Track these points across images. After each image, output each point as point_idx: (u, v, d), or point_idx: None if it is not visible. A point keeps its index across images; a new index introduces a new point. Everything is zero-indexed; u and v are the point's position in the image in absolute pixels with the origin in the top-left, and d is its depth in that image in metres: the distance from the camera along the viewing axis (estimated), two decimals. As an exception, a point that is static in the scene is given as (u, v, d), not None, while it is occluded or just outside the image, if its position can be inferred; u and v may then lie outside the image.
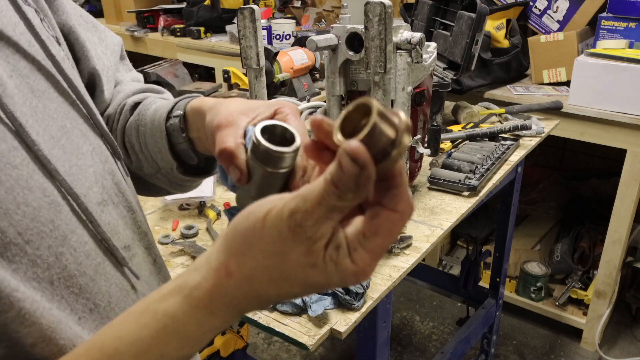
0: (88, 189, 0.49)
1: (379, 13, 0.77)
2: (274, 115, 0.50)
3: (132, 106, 0.65)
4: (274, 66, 1.64)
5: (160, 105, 0.62)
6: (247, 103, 0.52)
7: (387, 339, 1.04)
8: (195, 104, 0.58)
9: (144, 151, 0.63)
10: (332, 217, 0.34)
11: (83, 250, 0.46)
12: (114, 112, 0.67)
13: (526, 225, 2.51)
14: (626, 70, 1.68)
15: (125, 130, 0.65)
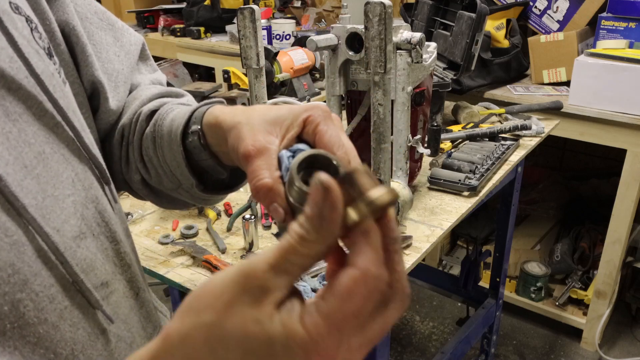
0: (63, 222, 0.45)
1: (379, 13, 0.77)
2: (304, 126, 0.43)
3: (148, 115, 0.59)
4: (274, 66, 1.64)
5: (177, 114, 0.56)
6: (270, 113, 0.45)
7: (386, 339, 1.04)
8: (211, 120, 0.52)
9: (162, 165, 0.58)
10: (291, 271, 0.30)
11: (47, 295, 0.42)
12: (129, 121, 0.61)
13: (526, 225, 2.52)
14: (626, 70, 1.68)
15: (142, 142, 0.59)
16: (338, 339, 0.30)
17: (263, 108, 0.47)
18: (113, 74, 0.61)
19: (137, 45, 0.66)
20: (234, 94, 1.53)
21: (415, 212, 1.11)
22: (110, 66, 0.60)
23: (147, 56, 0.69)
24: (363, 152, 1.18)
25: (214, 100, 0.57)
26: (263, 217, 1.09)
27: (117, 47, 0.62)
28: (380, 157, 0.87)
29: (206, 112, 0.53)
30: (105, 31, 0.61)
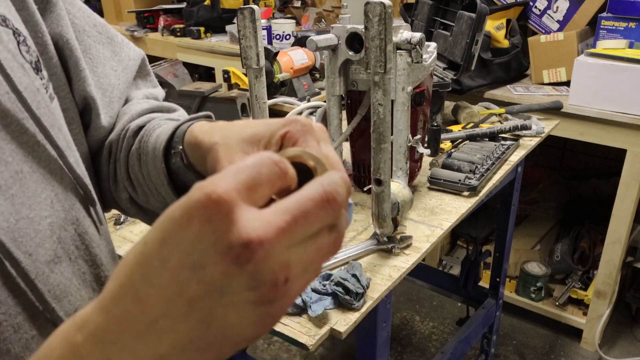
0: (37, 245, 0.43)
1: (379, 13, 0.77)
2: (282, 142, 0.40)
3: (136, 131, 0.58)
4: (274, 66, 1.64)
5: (161, 131, 0.55)
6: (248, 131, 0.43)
7: (387, 339, 1.04)
8: (191, 140, 0.50)
9: (148, 183, 0.56)
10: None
11: (11, 324, 0.40)
12: (117, 137, 0.59)
13: (526, 225, 2.52)
14: (626, 70, 1.68)
15: (128, 159, 0.58)
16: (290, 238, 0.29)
17: (241, 125, 0.45)
18: (108, 89, 0.59)
19: (136, 60, 0.65)
20: (234, 94, 1.53)
21: (415, 212, 1.11)
22: (106, 81, 0.59)
23: (146, 71, 0.68)
24: (363, 152, 1.18)
25: (199, 115, 0.55)
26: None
27: (115, 62, 0.61)
28: (380, 157, 0.87)
29: (187, 131, 0.51)
30: (103, 45, 0.60)
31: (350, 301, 0.83)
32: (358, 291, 0.83)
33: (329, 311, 0.83)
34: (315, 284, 0.86)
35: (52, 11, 0.54)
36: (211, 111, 1.74)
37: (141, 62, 0.66)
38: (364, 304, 0.85)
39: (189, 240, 0.28)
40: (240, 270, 0.27)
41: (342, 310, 0.84)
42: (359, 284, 0.84)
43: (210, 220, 0.27)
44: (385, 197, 0.89)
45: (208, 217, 0.27)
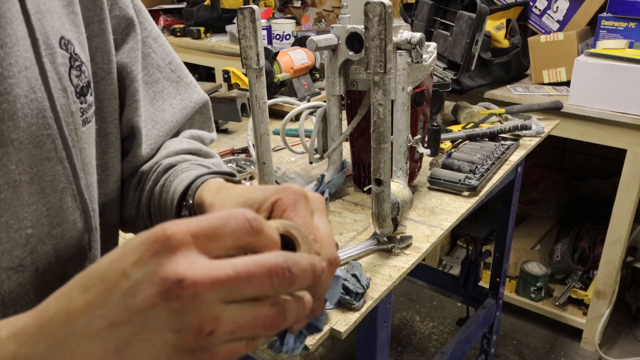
0: (3, 251, 0.44)
1: (379, 13, 0.77)
2: (272, 211, 0.41)
3: (167, 168, 0.60)
4: (274, 66, 1.64)
5: (184, 177, 0.57)
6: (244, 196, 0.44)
7: (387, 339, 1.04)
8: (199, 196, 0.53)
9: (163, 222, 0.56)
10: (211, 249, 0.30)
11: None
12: (149, 169, 0.62)
13: (526, 225, 2.51)
14: (626, 70, 1.68)
15: (152, 193, 0.60)
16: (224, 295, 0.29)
17: (241, 190, 0.46)
18: (160, 122, 0.63)
19: (197, 104, 0.68)
20: (234, 94, 1.53)
21: (415, 212, 1.11)
22: (160, 115, 0.62)
23: (206, 116, 0.70)
24: (363, 152, 1.18)
25: (222, 171, 0.57)
26: (263, 217, 1.09)
27: (176, 100, 0.64)
28: (380, 157, 0.86)
29: (200, 187, 0.54)
30: (170, 82, 0.64)
31: (350, 301, 0.83)
32: (358, 291, 0.83)
33: (328, 311, 0.83)
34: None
35: (127, 42, 0.58)
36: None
37: (202, 105, 0.69)
38: (364, 304, 0.85)
39: (130, 265, 0.29)
40: (167, 305, 0.28)
41: (342, 310, 0.84)
42: (359, 284, 0.84)
43: (154, 252, 0.28)
44: (385, 197, 0.89)
45: (154, 249, 0.28)
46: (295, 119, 1.23)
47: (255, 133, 1.00)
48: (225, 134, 1.57)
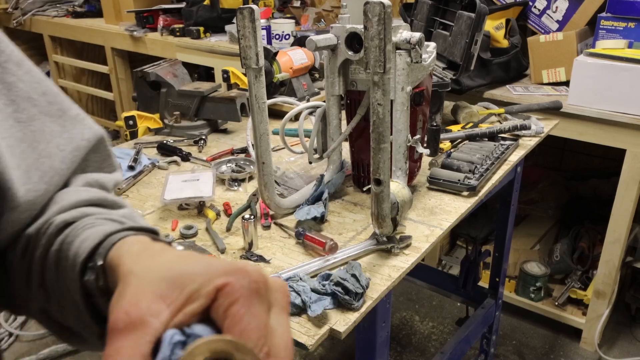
0: None
1: (379, 13, 0.77)
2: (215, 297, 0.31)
3: (60, 227, 0.45)
4: (273, 66, 1.64)
5: (91, 234, 0.42)
6: (177, 268, 0.33)
7: (386, 339, 1.04)
8: (114, 258, 0.38)
9: (65, 295, 0.43)
10: None
11: None
12: (36, 231, 0.46)
13: (525, 225, 2.52)
14: (626, 70, 1.68)
15: (45, 261, 0.44)
16: None
17: (174, 259, 0.35)
18: (48, 172, 0.48)
19: (91, 141, 0.52)
20: (234, 94, 1.53)
21: (414, 212, 1.11)
22: (47, 162, 0.47)
23: (104, 154, 0.55)
24: (362, 152, 1.18)
25: (142, 227, 0.43)
26: (262, 217, 1.09)
27: (64, 139, 0.49)
28: (379, 157, 0.86)
29: (116, 244, 0.40)
30: (52, 117, 0.49)
31: (349, 301, 0.83)
32: (357, 291, 0.83)
33: (328, 311, 0.83)
34: (314, 284, 0.86)
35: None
36: (211, 111, 1.71)
37: (97, 142, 0.53)
38: (363, 304, 0.85)
39: None
40: None
41: (342, 310, 0.84)
42: (358, 284, 0.84)
43: None
44: (384, 197, 0.89)
45: None
46: (294, 119, 1.23)
47: (254, 133, 1.00)
48: (224, 134, 1.57)
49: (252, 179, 1.27)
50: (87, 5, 3.27)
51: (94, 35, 3.03)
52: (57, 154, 0.48)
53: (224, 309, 0.30)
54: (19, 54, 0.49)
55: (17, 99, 0.47)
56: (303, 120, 1.20)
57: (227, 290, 0.30)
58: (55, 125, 0.49)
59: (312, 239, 0.98)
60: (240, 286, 0.30)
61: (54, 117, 0.49)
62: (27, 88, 0.48)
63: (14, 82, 0.47)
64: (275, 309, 0.32)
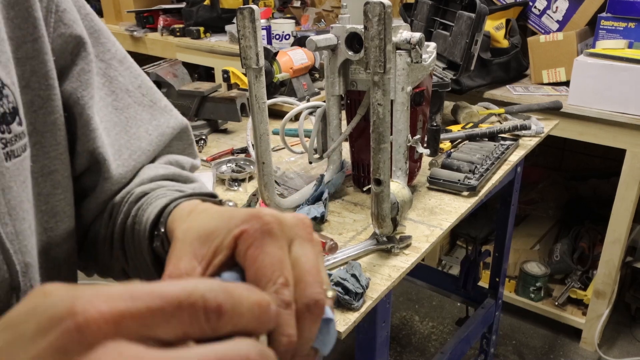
0: None
1: (379, 13, 0.77)
2: (235, 245, 0.34)
3: (139, 196, 0.53)
4: (273, 66, 1.64)
5: (159, 203, 0.49)
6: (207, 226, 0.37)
7: (386, 338, 1.04)
8: (169, 224, 0.45)
9: (139, 258, 0.51)
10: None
11: None
12: (120, 200, 0.54)
13: (526, 225, 2.52)
14: (626, 70, 1.68)
15: (124, 227, 0.52)
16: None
17: (210, 216, 0.39)
18: (136, 151, 0.56)
19: (174, 129, 0.61)
20: (234, 94, 1.53)
21: (414, 212, 1.11)
22: (136, 143, 0.56)
23: (187, 141, 0.64)
24: (362, 152, 1.18)
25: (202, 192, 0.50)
26: (262, 217, 1.09)
27: (152, 126, 0.58)
28: (379, 157, 0.86)
29: (174, 210, 0.46)
30: (143, 107, 0.58)
31: (349, 301, 0.83)
32: (357, 291, 0.83)
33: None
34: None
35: (77, 64, 0.51)
36: (211, 111, 1.71)
37: (181, 130, 0.62)
38: (363, 304, 0.85)
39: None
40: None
41: (342, 310, 0.84)
42: (358, 283, 0.84)
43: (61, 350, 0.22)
44: (384, 197, 0.89)
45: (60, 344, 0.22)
46: (294, 119, 1.23)
47: (254, 133, 1.00)
48: (224, 134, 1.57)
49: (252, 179, 1.28)
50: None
51: (94, 35, 3.03)
52: (145, 137, 0.57)
53: (242, 254, 0.33)
54: (122, 52, 0.58)
55: (117, 90, 0.56)
56: (303, 120, 1.21)
57: (243, 237, 0.33)
58: (146, 114, 0.58)
59: (312, 239, 0.97)
60: (254, 231, 0.33)
61: (145, 107, 0.58)
62: (125, 81, 0.56)
63: (116, 76, 0.56)
64: (297, 241, 0.34)
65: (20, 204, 0.45)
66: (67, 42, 0.50)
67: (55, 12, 0.49)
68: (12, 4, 0.45)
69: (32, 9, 0.46)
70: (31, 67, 0.47)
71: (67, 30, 0.50)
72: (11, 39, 0.45)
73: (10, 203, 0.44)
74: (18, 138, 0.44)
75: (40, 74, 0.47)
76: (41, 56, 0.47)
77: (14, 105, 0.44)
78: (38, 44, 0.47)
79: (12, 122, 0.44)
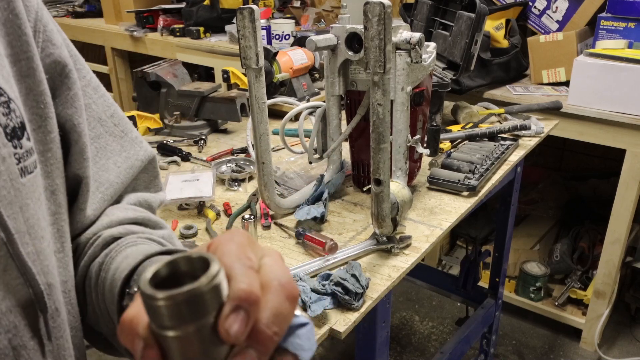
0: None
1: (379, 13, 0.77)
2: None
3: (107, 241, 0.52)
4: (273, 66, 1.64)
5: (129, 254, 0.48)
6: None
7: (386, 338, 1.04)
8: None
9: (100, 305, 0.50)
10: None
11: None
12: (86, 240, 0.53)
13: (525, 225, 2.52)
14: (625, 70, 1.68)
15: (88, 270, 0.51)
16: None
17: None
18: (104, 184, 0.55)
19: (143, 162, 0.60)
20: (234, 94, 1.53)
21: (414, 212, 1.11)
22: (104, 176, 0.55)
23: (153, 174, 0.62)
24: (362, 152, 1.18)
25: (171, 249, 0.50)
26: (262, 217, 1.09)
27: (121, 158, 0.57)
28: (379, 157, 0.87)
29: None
30: (114, 137, 0.56)
31: (349, 301, 0.83)
32: (357, 291, 0.83)
33: (328, 311, 0.83)
34: (314, 284, 0.86)
35: (69, 88, 0.50)
36: (211, 111, 1.71)
37: (148, 162, 0.60)
38: (363, 304, 0.85)
39: None
40: None
41: (342, 310, 0.84)
42: (358, 284, 0.84)
43: None
44: (384, 197, 0.89)
45: None
46: (294, 119, 1.23)
47: (254, 133, 1.00)
48: (224, 134, 1.57)
49: (252, 179, 1.28)
50: (87, 5, 3.27)
51: (94, 36, 3.03)
52: (113, 169, 0.55)
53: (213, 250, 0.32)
54: (96, 80, 0.56)
55: (89, 118, 0.54)
56: (303, 120, 1.21)
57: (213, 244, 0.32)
58: (116, 144, 0.56)
59: (312, 239, 0.98)
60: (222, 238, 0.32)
61: (116, 137, 0.56)
62: (98, 110, 0.55)
63: (90, 104, 0.54)
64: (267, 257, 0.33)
65: (38, 222, 0.44)
66: (56, 62, 0.49)
67: (43, 31, 0.48)
68: (4, 21, 0.44)
69: (23, 27, 0.45)
70: (27, 85, 0.46)
71: (55, 50, 0.49)
72: (6, 57, 0.44)
73: (28, 221, 0.42)
74: (29, 154, 0.43)
75: (37, 92, 0.46)
76: (36, 74, 0.46)
77: (21, 119, 0.43)
78: (33, 62, 0.46)
79: (22, 137, 0.43)
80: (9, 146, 0.41)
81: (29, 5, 0.47)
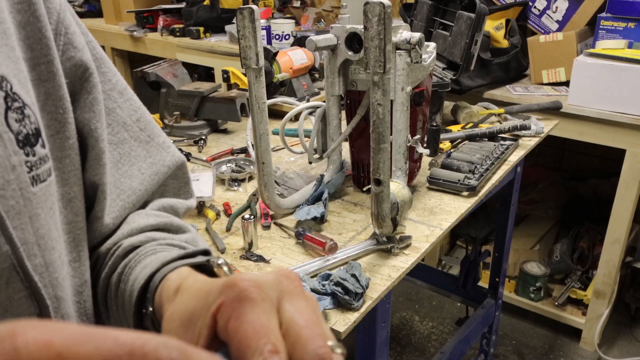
0: None
1: (379, 13, 0.77)
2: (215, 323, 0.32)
3: (128, 250, 0.50)
4: (273, 66, 1.64)
5: (147, 263, 0.47)
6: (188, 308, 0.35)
7: (386, 339, 1.04)
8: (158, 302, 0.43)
9: (121, 318, 0.49)
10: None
11: None
12: (106, 251, 0.52)
13: (525, 225, 2.52)
14: (625, 70, 1.68)
15: (109, 281, 0.50)
16: None
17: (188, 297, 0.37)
18: (126, 191, 0.53)
19: (169, 168, 0.58)
20: (233, 94, 1.53)
21: (414, 212, 1.11)
22: (127, 182, 0.53)
23: (181, 180, 0.60)
24: (362, 152, 1.18)
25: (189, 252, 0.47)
26: (262, 217, 1.09)
27: (146, 164, 0.55)
28: (379, 157, 0.87)
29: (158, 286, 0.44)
30: (139, 142, 0.55)
31: (349, 301, 0.83)
32: (357, 291, 0.83)
33: (328, 311, 0.83)
34: (314, 284, 0.86)
35: (88, 92, 0.49)
36: (210, 111, 1.71)
37: (176, 168, 0.59)
38: (363, 304, 0.85)
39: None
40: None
41: (342, 310, 0.84)
42: (358, 284, 0.84)
43: None
44: (384, 197, 0.89)
45: None
46: (294, 119, 1.23)
47: (254, 133, 1.00)
48: (224, 134, 1.57)
49: (252, 179, 1.28)
50: (87, 5, 3.27)
51: (94, 35, 3.02)
52: (137, 176, 0.54)
53: (223, 330, 0.30)
54: (123, 83, 0.55)
55: (113, 123, 0.53)
56: (303, 120, 1.21)
57: (221, 312, 0.31)
58: (141, 150, 0.55)
59: (312, 239, 0.98)
60: (230, 301, 0.30)
61: (142, 143, 0.55)
62: (123, 114, 0.54)
63: (114, 108, 0.53)
64: (285, 299, 0.31)
65: (49, 232, 0.43)
66: (77, 66, 0.48)
67: (65, 34, 0.47)
68: (24, 24, 0.43)
69: (44, 29, 0.44)
70: (46, 90, 0.45)
71: (76, 54, 0.48)
72: (25, 60, 0.43)
73: (38, 232, 0.41)
74: (42, 161, 0.42)
75: (56, 97, 0.45)
76: (56, 79, 0.45)
77: (36, 126, 0.42)
78: (53, 66, 0.45)
79: (36, 144, 0.42)
80: (21, 154, 0.40)
81: (50, 7, 0.46)
